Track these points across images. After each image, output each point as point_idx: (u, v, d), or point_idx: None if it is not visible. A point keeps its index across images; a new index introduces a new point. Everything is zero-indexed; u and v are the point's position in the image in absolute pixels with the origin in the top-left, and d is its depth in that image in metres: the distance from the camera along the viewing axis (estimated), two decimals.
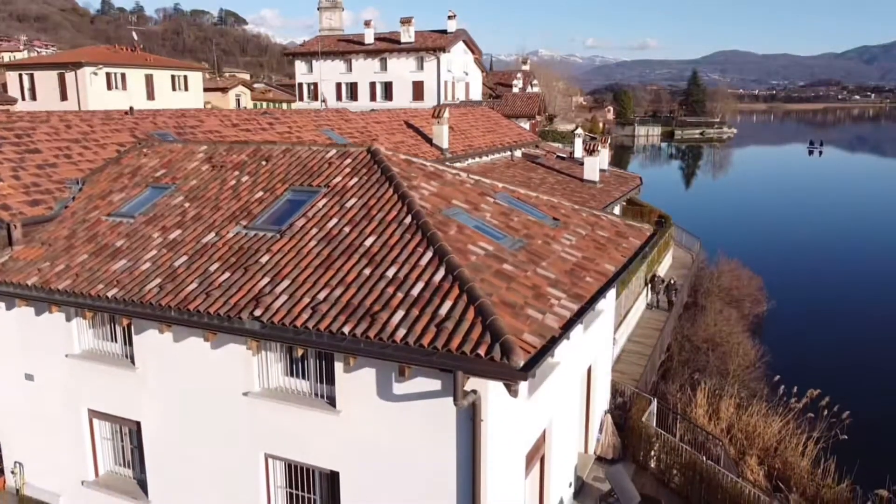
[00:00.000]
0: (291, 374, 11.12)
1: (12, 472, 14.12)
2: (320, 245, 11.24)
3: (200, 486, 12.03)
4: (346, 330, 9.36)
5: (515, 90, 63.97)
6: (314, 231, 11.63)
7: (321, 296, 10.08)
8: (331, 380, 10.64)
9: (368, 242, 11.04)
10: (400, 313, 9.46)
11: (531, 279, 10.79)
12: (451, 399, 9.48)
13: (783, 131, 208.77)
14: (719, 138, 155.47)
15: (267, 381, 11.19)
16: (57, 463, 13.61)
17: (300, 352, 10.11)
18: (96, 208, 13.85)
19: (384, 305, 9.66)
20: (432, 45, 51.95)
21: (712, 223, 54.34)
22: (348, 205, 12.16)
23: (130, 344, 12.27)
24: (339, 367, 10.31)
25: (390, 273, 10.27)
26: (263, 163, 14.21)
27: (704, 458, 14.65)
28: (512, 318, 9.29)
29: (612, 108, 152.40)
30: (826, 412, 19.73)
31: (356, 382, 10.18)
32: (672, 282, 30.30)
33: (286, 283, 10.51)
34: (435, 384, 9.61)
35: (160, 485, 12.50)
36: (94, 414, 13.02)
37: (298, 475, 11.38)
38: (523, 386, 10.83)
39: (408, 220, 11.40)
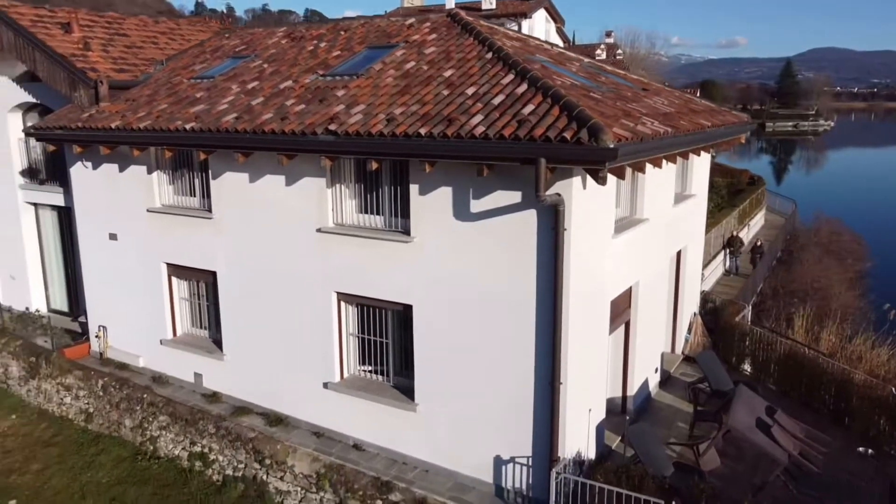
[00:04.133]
0: (365, 211, 10.76)
1: (96, 336, 14.41)
2: (397, 80, 10.83)
3: (273, 339, 11.85)
4: (422, 131, 8.89)
5: None
6: (391, 72, 11.24)
7: (397, 111, 9.66)
8: (405, 212, 10.21)
9: (447, 73, 10.56)
10: (479, 117, 8.92)
11: (620, 107, 10.04)
12: (531, 213, 8.93)
13: (886, 130, 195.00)
14: (814, 131, 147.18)
15: (341, 217, 10.89)
16: (137, 325, 13.79)
17: (374, 166, 9.69)
18: (178, 75, 13.98)
19: (463, 112, 9.14)
20: (513, 10, 51.13)
21: (811, 204, 50.73)
22: (427, 52, 11.73)
23: (208, 196, 12.24)
24: (413, 191, 9.87)
25: (470, 91, 9.74)
26: (342, 33, 14.00)
27: (806, 350, 13.41)
28: (600, 117, 8.56)
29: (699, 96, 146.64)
30: None
31: (431, 205, 9.70)
32: (759, 243, 27.93)
33: (361, 107, 10.16)
34: (514, 196, 9.01)
35: (234, 339, 12.42)
36: (172, 270, 13.10)
37: (370, 318, 11.01)
38: (608, 221, 10.16)
39: (489, 55, 10.85)
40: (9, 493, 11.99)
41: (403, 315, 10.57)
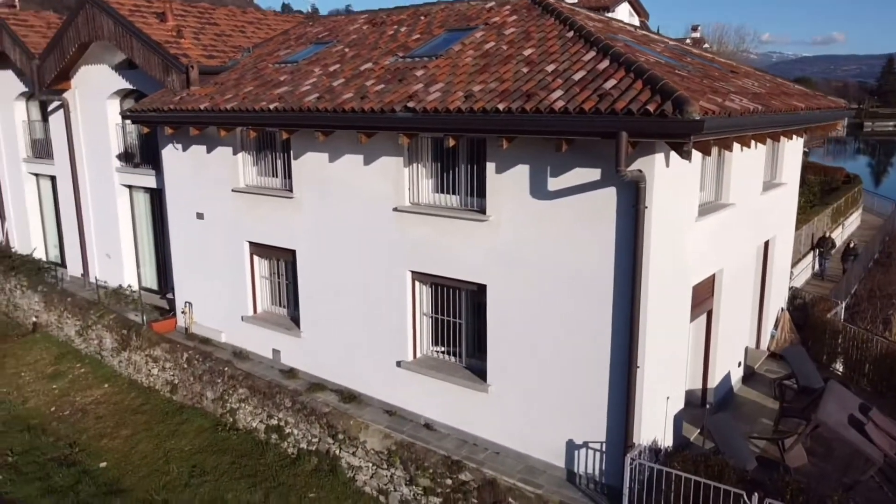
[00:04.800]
0: (441, 191, 10.77)
1: (182, 312, 15.03)
2: (476, 59, 10.78)
3: (348, 317, 12.03)
4: (500, 107, 8.81)
5: None
6: (471, 52, 11.20)
7: (476, 89, 9.61)
8: (481, 192, 10.16)
9: (527, 52, 10.43)
10: (559, 92, 8.75)
11: (707, 84, 9.66)
12: (610, 191, 8.71)
13: None
14: None
15: (417, 196, 10.93)
16: (220, 302, 14.30)
17: (451, 142, 9.67)
18: (264, 61, 14.40)
19: (543, 88, 9.00)
20: (596, 4, 50.26)
21: None
22: (507, 32, 11.63)
23: (289, 176, 12.54)
24: (490, 169, 9.80)
25: (550, 68, 9.58)
26: (422, 17, 14.07)
27: None
28: (686, 91, 8.24)
29: None
30: None
31: (507, 184, 9.61)
32: (852, 245, 26.03)
33: (440, 85, 10.16)
34: (593, 174, 8.81)
35: (311, 316, 12.68)
36: (254, 248, 13.50)
37: (444, 297, 11.01)
38: (691, 203, 9.80)
39: (570, 34, 10.66)
40: (100, 455, 12.66)
41: (477, 295, 10.52)
